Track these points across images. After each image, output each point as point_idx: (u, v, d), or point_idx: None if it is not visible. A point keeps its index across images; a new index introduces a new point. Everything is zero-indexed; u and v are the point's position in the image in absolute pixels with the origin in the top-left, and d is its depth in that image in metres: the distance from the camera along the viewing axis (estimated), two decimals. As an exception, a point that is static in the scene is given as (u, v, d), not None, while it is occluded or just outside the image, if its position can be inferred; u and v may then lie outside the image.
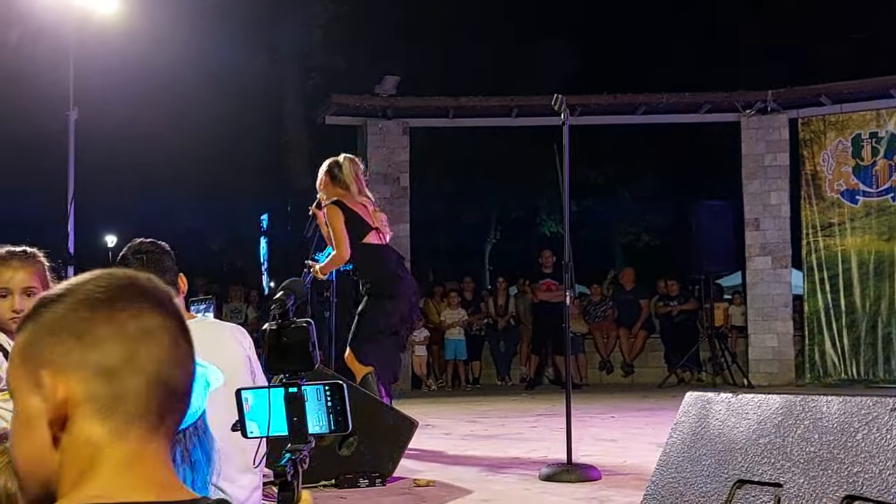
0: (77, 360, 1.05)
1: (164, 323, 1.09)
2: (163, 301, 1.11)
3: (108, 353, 1.05)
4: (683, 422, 2.20)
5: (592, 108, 12.26)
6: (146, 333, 1.07)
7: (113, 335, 1.05)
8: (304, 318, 1.94)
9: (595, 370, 13.05)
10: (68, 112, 8.99)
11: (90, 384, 1.04)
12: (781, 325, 12.00)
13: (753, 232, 12.11)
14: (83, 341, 1.05)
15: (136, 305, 1.08)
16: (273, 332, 1.87)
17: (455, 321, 12.70)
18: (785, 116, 12.10)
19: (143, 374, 1.06)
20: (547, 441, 6.57)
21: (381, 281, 6.03)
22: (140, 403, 1.06)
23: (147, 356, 1.06)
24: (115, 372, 1.05)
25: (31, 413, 1.06)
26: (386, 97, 12.18)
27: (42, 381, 1.05)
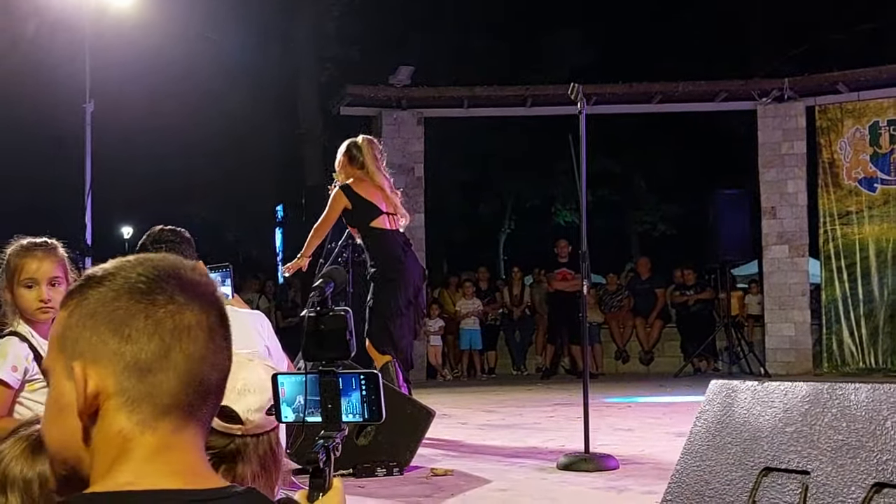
0: (111, 353, 1.05)
1: (203, 319, 1.09)
2: (204, 295, 1.10)
3: (143, 347, 1.05)
4: (708, 410, 2.19)
5: (608, 98, 12.22)
6: (183, 330, 1.06)
7: (149, 329, 1.05)
8: (342, 307, 1.95)
9: (611, 359, 13.04)
10: (85, 104, 9.04)
11: (122, 378, 1.05)
12: (798, 314, 11.95)
13: (770, 220, 12.06)
14: (119, 333, 1.05)
15: (176, 299, 1.07)
16: (311, 319, 1.88)
17: (470, 311, 12.70)
18: (801, 104, 12.03)
19: (175, 371, 1.06)
20: (564, 431, 6.56)
21: (385, 265, 6.06)
22: (170, 399, 1.06)
23: (181, 353, 1.06)
24: (148, 367, 1.05)
25: (65, 400, 1.07)
26: (400, 87, 12.18)
27: (74, 371, 1.05)
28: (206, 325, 1.09)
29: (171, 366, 1.05)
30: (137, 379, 1.05)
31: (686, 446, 2.15)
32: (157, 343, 1.05)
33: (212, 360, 1.09)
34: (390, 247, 6.13)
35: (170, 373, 1.05)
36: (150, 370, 1.05)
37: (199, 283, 1.11)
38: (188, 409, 1.07)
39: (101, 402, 1.05)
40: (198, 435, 1.09)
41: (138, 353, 1.05)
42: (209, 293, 1.12)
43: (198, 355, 1.07)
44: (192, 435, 1.08)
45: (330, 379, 1.79)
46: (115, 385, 1.05)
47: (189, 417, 1.07)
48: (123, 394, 1.05)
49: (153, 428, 1.06)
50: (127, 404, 1.05)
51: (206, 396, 1.09)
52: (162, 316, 1.06)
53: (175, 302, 1.07)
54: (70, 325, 1.07)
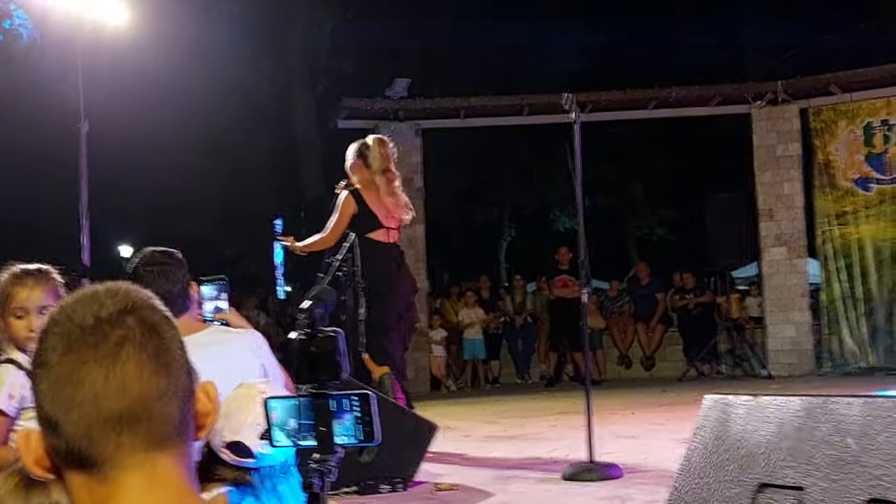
0: (37, 415, 1.05)
1: (107, 365, 1.03)
2: (117, 342, 1.04)
3: (44, 406, 1.04)
4: (704, 426, 2.20)
5: (603, 104, 12.24)
6: (80, 381, 1.02)
7: (48, 388, 1.03)
8: (333, 328, 1.95)
9: (613, 365, 13.05)
10: (79, 124, 9.04)
11: (46, 437, 1.05)
12: (799, 315, 11.96)
13: (768, 223, 12.08)
14: (37, 393, 1.05)
15: (80, 354, 1.03)
16: (302, 341, 1.87)
17: (473, 321, 12.70)
18: (795, 107, 12.06)
19: (81, 421, 1.02)
20: (567, 440, 6.57)
21: (376, 279, 6.09)
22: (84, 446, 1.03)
23: (85, 402, 1.01)
24: (56, 424, 1.03)
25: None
26: (397, 100, 12.21)
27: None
28: (112, 368, 1.06)
29: (74, 419, 1.06)
30: (54, 436, 1.06)
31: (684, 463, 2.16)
32: (55, 400, 1.06)
33: (119, 394, 1.05)
34: (384, 260, 6.16)
35: (75, 425, 1.07)
36: (58, 426, 1.05)
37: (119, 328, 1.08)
38: (114, 447, 1.05)
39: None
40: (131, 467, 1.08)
41: (42, 412, 1.06)
42: (130, 339, 1.07)
43: (103, 394, 1.05)
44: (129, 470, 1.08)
45: (322, 402, 1.79)
46: (47, 444, 1.08)
47: (118, 455, 1.06)
48: (54, 452, 1.08)
49: (100, 475, 1.07)
50: (63, 461, 1.07)
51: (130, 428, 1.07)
52: (64, 370, 1.06)
53: (80, 355, 1.05)
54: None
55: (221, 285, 3.36)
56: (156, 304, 1.09)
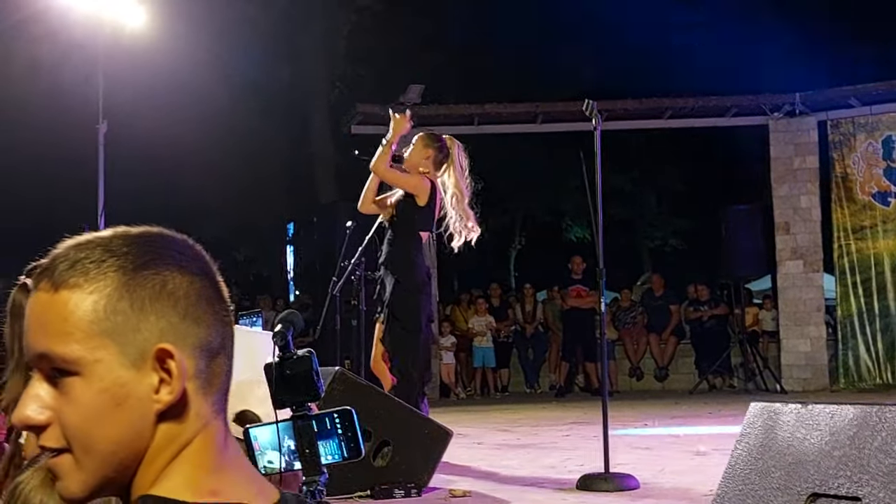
0: (182, 334, 1.00)
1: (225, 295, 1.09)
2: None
3: (210, 331, 1.03)
4: (749, 433, 2.15)
5: (618, 113, 12.20)
6: (228, 314, 1.07)
7: (213, 312, 1.04)
8: (306, 349, 1.95)
9: (625, 377, 12.98)
10: (98, 125, 9.06)
11: (197, 360, 1.01)
12: (814, 329, 11.87)
13: (784, 236, 12.00)
14: (188, 316, 1.01)
15: (212, 275, 1.07)
16: (275, 365, 1.87)
17: (483, 328, 12.66)
18: (814, 119, 12.00)
19: (228, 356, 1.06)
20: (581, 450, 6.51)
21: (415, 276, 5.73)
22: (227, 384, 1.06)
23: (231, 338, 1.06)
24: (216, 350, 1.03)
25: (123, 391, 0.98)
26: (411, 106, 12.19)
27: (153, 354, 0.99)
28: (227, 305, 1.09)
29: (229, 350, 1.05)
30: (206, 362, 1.02)
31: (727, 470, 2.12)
32: (219, 324, 1.04)
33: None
34: (423, 261, 5.85)
35: (225, 357, 1.05)
36: (217, 353, 1.03)
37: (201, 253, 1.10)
38: (225, 394, 1.07)
39: (187, 384, 1.01)
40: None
41: (211, 338, 1.02)
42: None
43: (232, 338, 1.07)
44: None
45: (305, 423, 1.77)
46: (194, 368, 1.01)
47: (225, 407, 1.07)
48: (199, 376, 1.02)
49: (219, 417, 1.04)
50: (202, 388, 1.02)
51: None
52: (212, 294, 1.05)
53: (214, 279, 1.07)
54: (117, 309, 0.98)
55: (257, 317, 3.38)
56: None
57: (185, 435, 1.01)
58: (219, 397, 1.05)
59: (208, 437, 1.03)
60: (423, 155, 5.77)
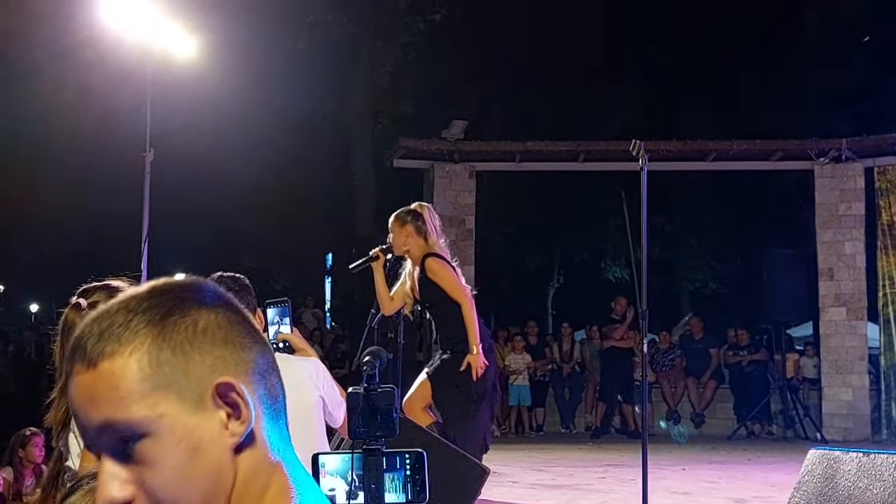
0: (235, 363, 1.00)
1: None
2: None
3: (255, 352, 1.03)
4: (807, 481, 2.10)
5: (662, 155, 12.14)
6: (260, 335, 1.06)
7: (249, 334, 1.03)
8: (389, 385, 1.93)
9: (662, 420, 12.80)
10: (145, 153, 9.17)
11: (256, 386, 1.01)
12: (856, 378, 11.66)
13: (827, 282, 11.84)
14: (231, 344, 1.00)
15: (232, 303, 1.07)
16: (360, 395, 1.85)
17: (520, 366, 12.58)
18: (860, 165, 11.87)
19: (277, 374, 1.05)
20: (617, 493, 6.43)
21: (485, 344, 5.45)
22: (283, 402, 1.05)
23: (272, 357, 1.06)
24: (266, 371, 1.03)
25: (195, 437, 0.97)
26: (453, 141, 12.24)
27: (212, 391, 0.97)
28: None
29: (277, 369, 1.05)
30: (262, 385, 1.01)
31: (785, 519, 2.07)
32: (259, 346, 1.03)
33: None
34: (482, 327, 5.56)
35: (277, 376, 1.04)
36: (268, 373, 1.03)
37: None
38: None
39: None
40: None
41: (257, 360, 1.02)
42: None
43: (275, 359, 1.07)
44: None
45: (375, 458, 1.74)
46: (253, 392, 1.00)
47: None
48: (261, 401, 1.01)
49: (290, 441, 1.04)
50: (268, 412, 1.02)
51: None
52: (242, 320, 1.04)
53: (237, 307, 1.06)
54: (161, 360, 0.97)
55: (284, 308, 3.42)
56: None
57: (267, 462, 1.01)
58: (284, 419, 1.04)
59: (291, 462, 1.03)
60: (404, 234, 5.64)
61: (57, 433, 3.28)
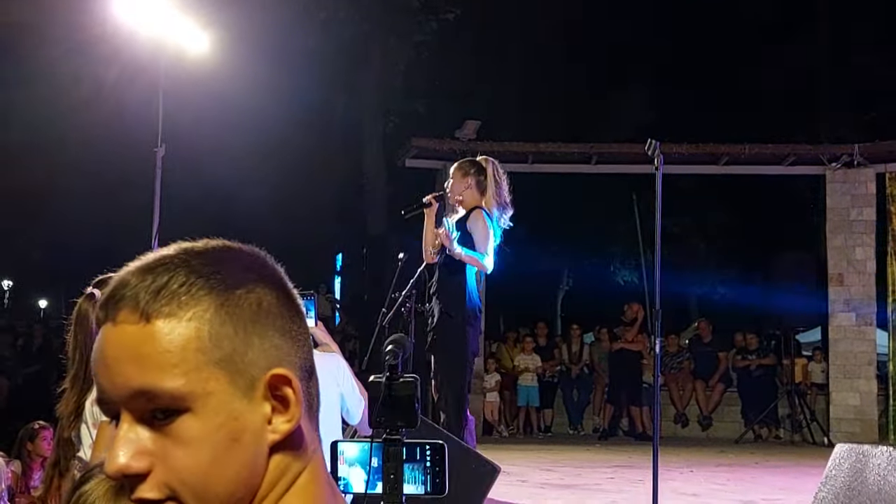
0: (285, 356, 0.93)
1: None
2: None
3: (307, 350, 0.96)
4: (835, 475, 2.10)
5: (673, 158, 12.12)
6: (308, 329, 1.00)
7: (304, 331, 0.96)
8: (412, 374, 1.91)
9: (669, 422, 12.80)
10: (156, 149, 9.20)
11: (302, 383, 0.94)
12: (864, 383, 11.64)
13: (837, 287, 11.82)
14: (288, 336, 0.93)
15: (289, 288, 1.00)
16: (382, 384, 1.84)
17: (528, 366, 12.58)
18: (872, 171, 11.86)
19: (316, 375, 0.99)
20: (626, 493, 6.43)
21: (471, 307, 5.64)
22: (318, 406, 0.99)
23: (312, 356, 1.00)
24: (311, 370, 0.97)
25: (239, 424, 0.89)
26: (466, 141, 12.24)
27: (266, 381, 0.91)
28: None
29: (315, 369, 0.99)
30: (306, 385, 0.95)
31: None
32: (309, 343, 0.98)
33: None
34: (475, 296, 5.75)
35: (316, 377, 0.98)
36: (312, 373, 0.97)
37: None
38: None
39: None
40: None
41: (305, 356, 0.96)
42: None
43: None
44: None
45: (395, 448, 1.73)
46: (300, 391, 0.93)
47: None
48: (303, 401, 0.94)
49: (321, 445, 0.99)
50: (307, 414, 0.95)
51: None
52: (297, 309, 0.98)
53: (292, 292, 0.99)
54: (222, 334, 0.89)
55: (310, 301, 3.39)
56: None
57: (295, 466, 0.94)
58: (317, 423, 0.99)
59: (317, 467, 0.96)
60: (464, 185, 5.73)
61: (69, 423, 3.30)
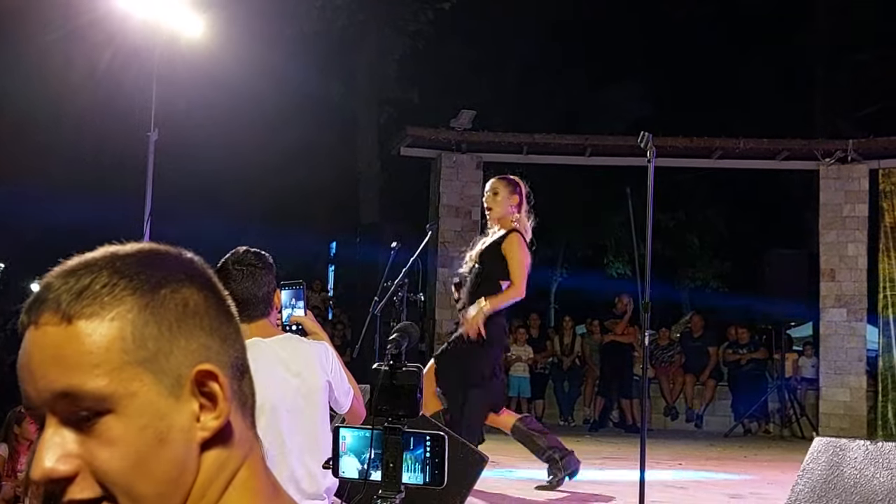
0: (215, 354, 0.92)
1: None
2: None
3: (236, 347, 0.95)
4: (812, 468, 2.11)
5: (667, 151, 12.11)
6: (239, 328, 0.99)
7: (235, 330, 0.96)
8: (415, 364, 1.91)
9: (659, 415, 12.82)
10: (149, 133, 9.16)
11: (231, 380, 0.93)
12: (854, 379, 11.69)
13: (829, 283, 11.85)
14: (217, 335, 0.93)
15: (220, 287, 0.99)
16: (385, 373, 1.84)
17: (520, 357, 12.59)
18: (865, 167, 11.87)
19: (250, 373, 0.98)
20: (615, 485, 6.45)
21: (491, 329, 5.59)
22: (253, 402, 0.98)
23: (246, 354, 0.99)
24: (244, 369, 0.96)
25: (166, 423, 0.88)
26: (461, 131, 12.23)
27: (192, 378, 0.90)
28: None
29: (249, 367, 0.98)
30: (238, 382, 0.94)
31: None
32: (240, 340, 0.97)
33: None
34: (502, 316, 5.73)
35: (250, 375, 0.98)
36: (245, 371, 0.96)
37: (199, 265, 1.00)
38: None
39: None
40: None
41: (237, 355, 0.95)
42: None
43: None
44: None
45: (395, 437, 1.73)
46: (229, 388, 0.93)
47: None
48: (235, 397, 0.94)
49: (259, 441, 0.98)
50: (240, 410, 0.95)
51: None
52: (227, 307, 0.97)
53: (221, 292, 0.98)
54: (146, 334, 0.88)
55: (299, 290, 3.40)
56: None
57: (232, 462, 0.93)
58: (253, 419, 0.98)
59: (256, 463, 0.96)
60: (511, 202, 5.89)
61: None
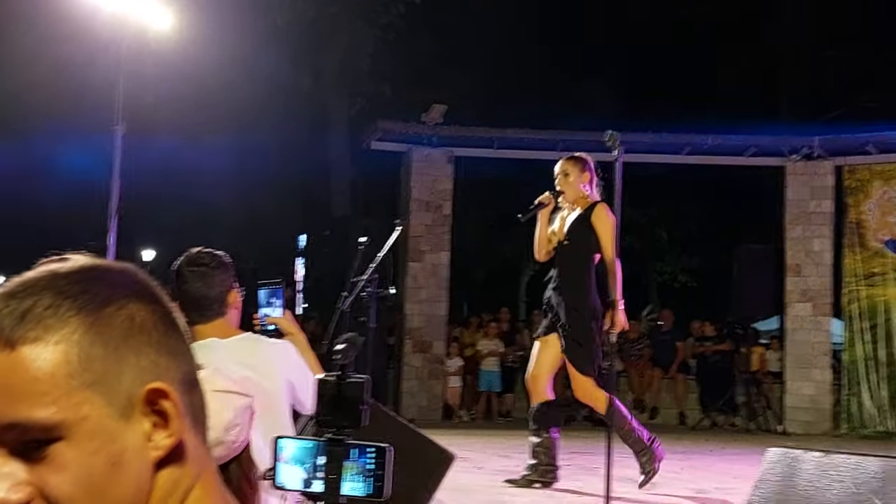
0: (163, 370, 0.90)
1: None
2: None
3: (186, 361, 0.94)
4: (768, 479, 2.14)
5: (636, 146, 12.17)
6: (188, 341, 0.96)
7: (184, 343, 0.94)
8: (363, 375, 1.91)
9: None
10: (115, 126, 9.08)
11: (182, 395, 0.90)
12: (819, 373, 11.83)
13: (794, 278, 11.98)
14: (165, 349, 0.91)
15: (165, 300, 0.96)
16: (330, 383, 1.84)
17: (491, 351, 12.63)
18: (831, 163, 12.00)
19: (201, 386, 0.96)
20: (581, 480, 6.50)
21: (590, 301, 5.95)
22: (205, 417, 0.96)
23: (197, 367, 0.97)
24: (193, 382, 0.94)
25: (118, 446, 0.86)
26: (432, 125, 12.23)
27: (142, 397, 0.87)
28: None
29: (199, 380, 0.95)
30: (189, 397, 0.92)
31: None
32: (189, 353, 0.94)
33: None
34: (596, 289, 5.97)
35: (200, 389, 0.95)
36: (195, 385, 0.94)
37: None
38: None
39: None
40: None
41: (186, 370, 0.93)
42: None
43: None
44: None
45: (338, 449, 1.74)
46: (181, 404, 0.90)
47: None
48: (187, 413, 0.91)
49: (211, 456, 0.96)
50: (192, 426, 0.92)
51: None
52: (174, 321, 0.94)
53: (167, 305, 0.95)
54: (92, 356, 0.85)
55: (278, 289, 3.38)
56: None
57: (185, 481, 0.91)
58: (205, 435, 0.96)
59: (210, 479, 0.94)
60: (584, 178, 6.19)
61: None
